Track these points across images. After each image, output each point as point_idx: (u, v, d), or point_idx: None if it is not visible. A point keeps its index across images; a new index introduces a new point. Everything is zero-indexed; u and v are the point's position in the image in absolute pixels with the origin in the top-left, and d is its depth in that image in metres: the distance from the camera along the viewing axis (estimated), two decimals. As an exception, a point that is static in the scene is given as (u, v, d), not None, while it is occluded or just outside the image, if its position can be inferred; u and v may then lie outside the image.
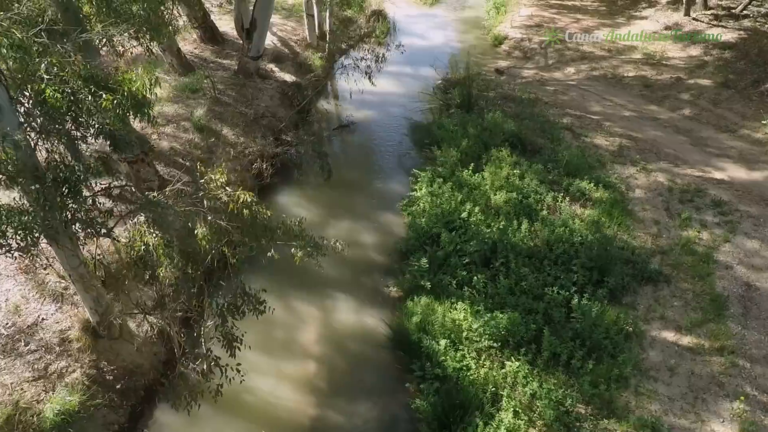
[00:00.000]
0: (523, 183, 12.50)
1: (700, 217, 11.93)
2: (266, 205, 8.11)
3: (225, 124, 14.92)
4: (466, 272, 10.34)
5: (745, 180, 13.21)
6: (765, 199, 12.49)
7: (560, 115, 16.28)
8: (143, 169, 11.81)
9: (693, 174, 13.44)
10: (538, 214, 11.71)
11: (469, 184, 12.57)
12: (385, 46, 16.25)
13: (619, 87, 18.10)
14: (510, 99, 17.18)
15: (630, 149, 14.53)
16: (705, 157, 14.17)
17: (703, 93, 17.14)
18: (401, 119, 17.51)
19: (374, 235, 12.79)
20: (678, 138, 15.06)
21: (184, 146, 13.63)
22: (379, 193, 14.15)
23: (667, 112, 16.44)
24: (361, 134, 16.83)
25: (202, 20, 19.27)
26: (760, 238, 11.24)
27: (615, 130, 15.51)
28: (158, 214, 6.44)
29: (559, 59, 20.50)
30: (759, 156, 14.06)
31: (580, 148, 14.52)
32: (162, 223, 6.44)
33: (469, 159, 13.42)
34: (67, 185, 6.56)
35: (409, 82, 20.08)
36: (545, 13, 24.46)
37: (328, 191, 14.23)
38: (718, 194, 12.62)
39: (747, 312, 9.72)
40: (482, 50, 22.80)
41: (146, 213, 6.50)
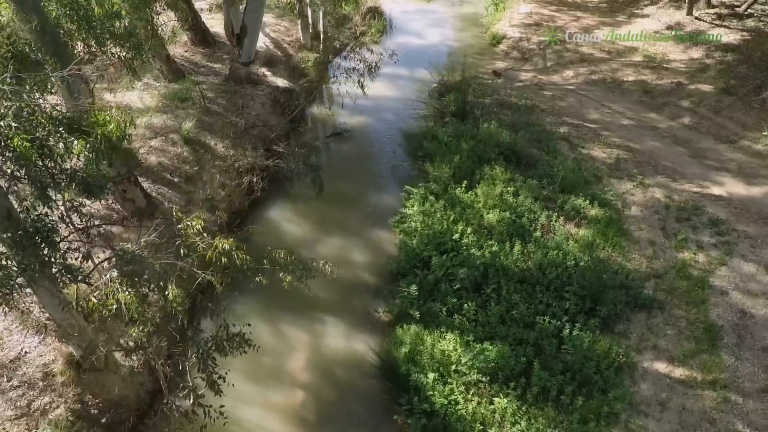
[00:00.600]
0: (517, 201, 12.26)
1: (697, 237, 11.72)
2: (247, 245, 7.81)
3: (215, 135, 14.63)
4: (457, 299, 10.17)
5: (743, 196, 12.96)
6: (763, 217, 12.26)
7: (557, 124, 15.95)
8: (129, 189, 11.58)
9: (691, 189, 13.18)
10: (532, 235, 11.50)
11: (462, 202, 12.35)
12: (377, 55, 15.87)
13: (618, 92, 17.73)
14: (506, 106, 16.84)
15: (627, 162, 14.25)
16: (703, 171, 13.90)
17: (704, 100, 16.78)
18: (396, 126, 17.21)
19: (365, 253, 12.60)
20: (676, 149, 14.76)
21: (173, 161, 13.37)
22: (371, 207, 13.93)
23: (666, 120, 16.10)
24: (354, 142, 16.54)
25: (193, 22, 18.83)
26: (757, 261, 11.04)
27: (613, 140, 15.21)
28: (132, 269, 6.23)
29: (558, 61, 20.07)
30: (758, 170, 13.78)
31: (576, 160, 14.25)
32: (136, 278, 6.25)
33: (463, 174, 13.16)
34: (39, 235, 6.36)
35: (405, 85, 19.70)
36: (545, 11, 23.92)
37: (320, 205, 14.01)
38: (716, 212, 12.39)
39: (741, 342, 9.57)
40: (480, 50, 22.35)
41: (119, 268, 6.29)
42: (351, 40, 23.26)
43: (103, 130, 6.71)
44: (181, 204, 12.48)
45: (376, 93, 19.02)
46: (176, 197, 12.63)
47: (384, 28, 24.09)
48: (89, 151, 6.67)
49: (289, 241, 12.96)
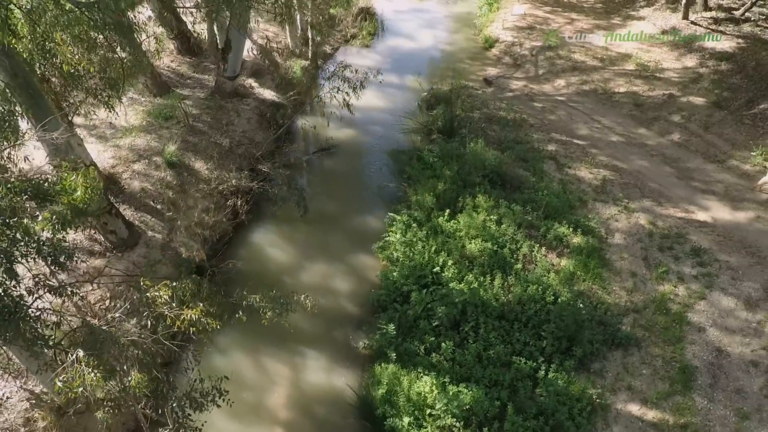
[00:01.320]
0: (500, 230, 12.24)
1: (678, 268, 11.73)
2: (217, 313, 7.78)
3: (199, 156, 14.55)
4: (435, 336, 10.26)
5: (728, 222, 12.92)
6: (746, 245, 12.24)
7: (545, 141, 15.82)
8: (110, 221, 11.57)
9: (676, 215, 13.14)
10: (513, 267, 11.52)
11: (445, 231, 12.34)
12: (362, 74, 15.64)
13: (609, 105, 17.52)
14: (495, 120, 16.68)
15: (614, 184, 14.17)
16: (690, 193, 13.83)
17: (695, 114, 16.59)
18: (384, 140, 17.08)
19: (348, 280, 12.65)
20: (664, 169, 14.66)
21: (156, 186, 13.32)
22: (355, 230, 13.92)
23: (655, 136, 15.95)
24: (341, 158, 16.44)
25: (179, 31, 18.54)
26: (737, 294, 11.06)
27: (600, 159, 15.10)
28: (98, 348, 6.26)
29: (550, 69, 19.78)
30: (744, 192, 13.71)
31: (562, 182, 14.18)
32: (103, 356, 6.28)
33: (447, 200, 13.12)
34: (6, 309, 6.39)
35: (395, 93, 19.49)
36: (539, 12, 23.48)
37: (304, 227, 14.01)
38: (699, 240, 12.37)
39: (715, 382, 9.67)
40: (472, 54, 22.03)
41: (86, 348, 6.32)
42: (341, 43, 22.93)
43: (69, 198, 6.69)
44: (163, 233, 12.50)
45: (365, 103, 18.71)
46: (159, 225, 12.62)
47: (375, 30, 23.70)
48: (55, 222, 6.67)
49: (272, 268, 13.02)
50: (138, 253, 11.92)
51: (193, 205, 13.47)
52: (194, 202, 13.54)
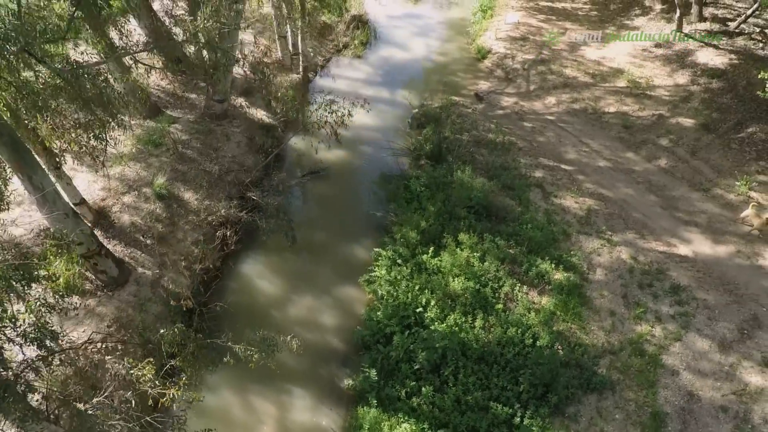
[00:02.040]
0: (482, 267, 12.47)
1: (657, 307, 11.99)
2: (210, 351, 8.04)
3: (188, 186, 14.70)
4: (416, 380, 10.58)
5: (708, 256, 13.12)
6: (724, 282, 12.47)
7: (533, 166, 15.92)
8: (100, 261, 11.80)
9: (657, 248, 13.34)
10: (494, 307, 11.78)
11: (429, 269, 12.57)
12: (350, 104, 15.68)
13: (598, 126, 17.55)
14: (483, 144, 16.74)
15: (598, 214, 14.33)
16: (673, 225, 14.00)
17: (683, 137, 16.64)
18: (374, 162, 17.19)
19: (334, 314, 12.92)
20: (649, 198, 14.80)
21: (145, 220, 13.51)
22: (342, 260, 14.14)
23: (643, 161, 16.04)
24: (330, 182, 16.56)
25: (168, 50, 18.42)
26: (711, 336, 11.34)
27: (587, 186, 15.23)
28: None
29: (541, 85, 19.73)
30: (726, 225, 13.87)
31: (547, 213, 14.34)
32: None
33: (432, 234, 13.32)
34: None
35: (385, 110, 19.49)
36: (533, 21, 23.27)
37: (293, 257, 14.24)
38: (679, 276, 12.60)
39: (685, 428, 10.01)
40: (464, 65, 21.93)
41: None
42: (333, 53, 22.80)
43: (53, 285, 6.92)
44: (153, 269, 12.74)
45: (356, 121, 18.77)
46: (149, 261, 12.86)
47: (368, 39, 23.52)
48: (39, 307, 6.90)
49: (261, 301, 13.30)
50: (128, 291, 12.18)
51: (183, 238, 13.70)
52: (184, 235, 13.76)
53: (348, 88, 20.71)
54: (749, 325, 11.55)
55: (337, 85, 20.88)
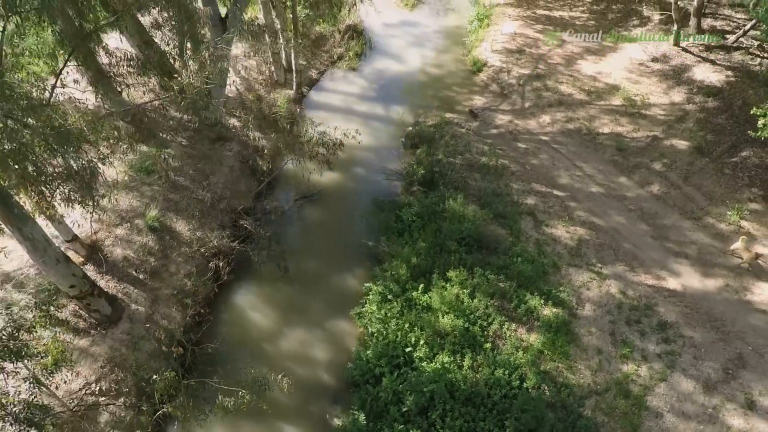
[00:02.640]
0: (472, 304, 12.57)
1: (643, 345, 12.12)
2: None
3: (180, 216, 14.75)
4: (404, 423, 10.77)
5: (697, 290, 13.22)
6: (711, 319, 12.59)
7: (525, 193, 15.92)
8: (93, 301, 11.93)
9: (646, 282, 13.42)
10: (483, 346, 11.92)
11: (419, 305, 12.69)
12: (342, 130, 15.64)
13: (592, 148, 17.49)
14: (476, 168, 16.71)
15: (589, 245, 14.38)
16: (663, 256, 14.06)
17: (676, 161, 16.60)
18: (366, 186, 17.20)
19: (326, 348, 13.08)
20: (640, 227, 14.83)
21: (138, 253, 13.60)
22: (334, 291, 14.24)
23: (635, 187, 16.02)
24: (324, 206, 16.57)
25: (160, 65, 18.31)
26: (696, 377, 11.50)
27: (578, 214, 15.25)
28: None
29: (536, 102, 19.60)
30: (716, 257, 13.93)
31: (538, 243, 14.40)
32: None
33: (423, 268, 13.41)
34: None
35: (379, 128, 19.41)
36: (529, 32, 23.00)
37: (285, 288, 14.35)
38: (667, 312, 12.71)
39: (667, 473, 10.23)
40: (460, 79, 21.77)
41: None
42: (328, 65, 22.61)
43: (42, 363, 7.04)
44: (146, 305, 12.87)
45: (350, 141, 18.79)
46: (142, 297, 12.98)
47: (363, 50, 23.29)
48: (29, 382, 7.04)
49: (254, 334, 13.44)
50: (121, 329, 12.32)
51: (176, 271, 13.80)
52: (176, 267, 13.86)
53: (342, 103, 20.60)
54: (734, 365, 11.70)
55: (331, 101, 20.78)
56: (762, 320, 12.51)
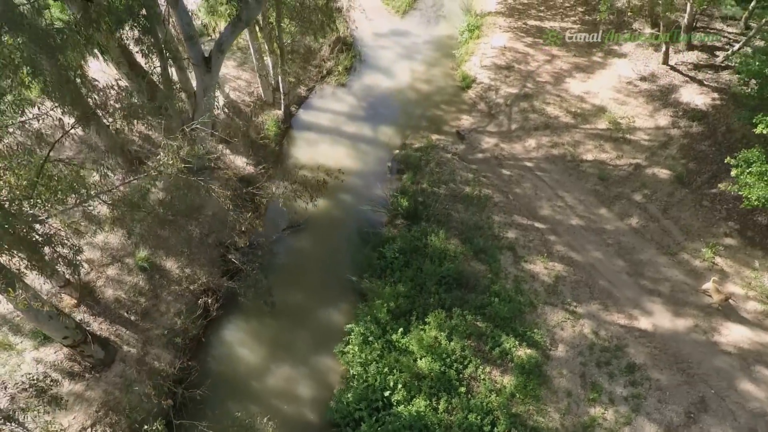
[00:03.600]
0: (449, 347, 13.12)
1: (611, 388, 12.71)
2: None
3: (170, 253, 15.19)
4: (381, 470, 11.47)
5: (667, 330, 13.73)
6: (678, 360, 13.13)
7: (506, 226, 16.25)
8: (86, 348, 12.50)
9: (619, 322, 13.92)
10: (458, 389, 12.52)
11: (398, 348, 13.25)
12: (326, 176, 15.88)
13: (575, 176, 17.72)
14: (459, 198, 17.00)
15: (566, 282, 14.82)
16: (637, 294, 14.52)
17: (657, 191, 16.87)
18: (352, 215, 17.53)
19: (311, 385, 13.69)
20: (617, 264, 15.23)
21: (129, 294, 14.11)
22: (319, 326, 14.78)
23: (615, 219, 16.35)
24: (309, 237, 16.97)
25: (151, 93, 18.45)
26: (659, 421, 12.11)
27: (557, 249, 15.63)
28: None
29: (523, 124, 19.71)
30: (688, 295, 14.38)
31: (517, 279, 14.84)
32: None
33: (402, 312, 13.91)
34: None
35: (367, 151, 19.64)
36: (519, 45, 22.89)
37: (272, 322, 14.89)
38: (636, 353, 13.25)
39: None
40: (448, 96, 21.81)
41: None
42: (317, 80, 22.61)
43: None
44: (138, 346, 13.45)
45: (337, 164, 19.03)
46: (133, 338, 13.56)
47: (352, 64, 23.23)
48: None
49: (241, 371, 14.05)
50: (114, 372, 12.93)
51: (166, 310, 14.33)
52: (167, 306, 14.38)
53: (331, 123, 20.75)
54: (696, 408, 12.31)
55: (320, 120, 20.92)
56: (726, 362, 13.07)
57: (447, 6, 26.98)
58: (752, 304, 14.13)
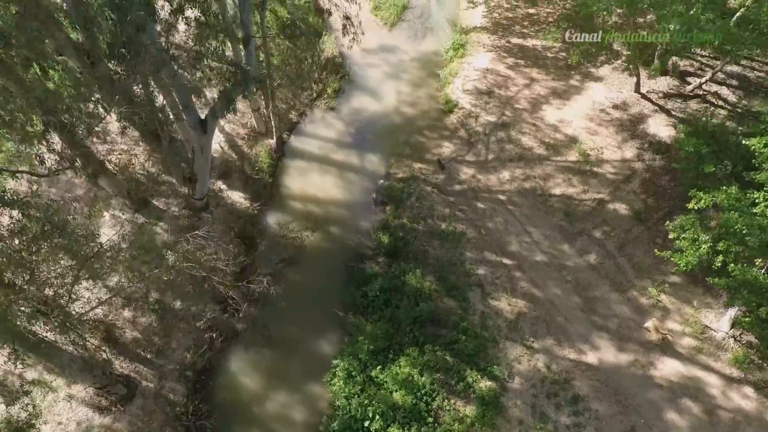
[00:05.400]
0: (420, 381, 15.32)
1: (557, 417, 14.97)
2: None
3: (177, 293, 17.17)
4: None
5: (610, 365, 15.84)
6: (617, 393, 15.32)
7: (477, 262, 18.05)
8: (111, 388, 14.78)
9: (569, 357, 16.01)
10: (426, 419, 14.83)
11: (377, 383, 15.47)
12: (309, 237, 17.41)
13: (543, 211, 19.30)
14: (436, 234, 18.70)
15: (526, 318, 16.79)
16: (588, 330, 16.53)
17: (616, 228, 18.55)
18: (340, 247, 19.33)
19: (303, 410, 16.00)
20: (573, 300, 17.15)
21: (144, 334, 16.27)
22: (310, 356, 16.91)
23: (575, 256, 18.11)
24: (302, 269, 18.83)
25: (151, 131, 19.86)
26: (593, 449, 14.47)
27: (521, 285, 17.52)
28: None
29: (499, 155, 21.07)
30: (633, 331, 16.40)
31: (483, 316, 16.85)
32: None
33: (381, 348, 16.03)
34: None
35: (353, 180, 21.18)
36: (501, 67, 23.82)
37: (268, 353, 17.09)
38: (581, 386, 15.43)
39: None
40: (431, 120, 23.04)
41: None
42: (308, 104, 23.75)
43: None
44: (155, 381, 15.74)
45: (327, 194, 20.70)
46: (150, 374, 15.83)
47: (340, 87, 24.26)
48: None
49: (244, 397, 16.38)
50: (136, 405, 15.28)
51: (177, 346, 16.53)
52: (177, 343, 16.57)
53: (320, 151, 22.17)
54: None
55: (310, 148, 22.32)
56: (658, 394, 15.27)
57: (434, 16, 27.55)
58: (687, 340, 16.17)
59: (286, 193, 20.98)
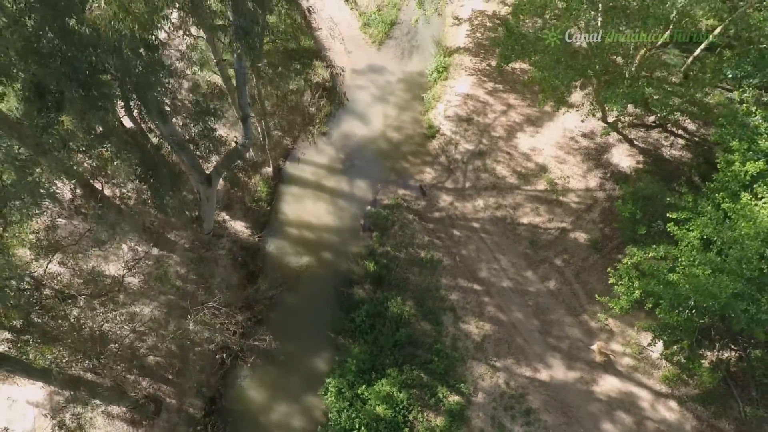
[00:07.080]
0: (399, 396, 18.30)
1: (512, 427, 18.00)
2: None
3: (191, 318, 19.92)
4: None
5: (560, 381, 18.73)
6: (564, 406, 18.28)
7: (451, 288, 20.64)
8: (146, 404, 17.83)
9: (525, 374, 18.89)
10: (402, 430, 17.92)
11: (362, 399, 18.47)
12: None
13: (511, 239, 21.66)
14: (416, 262, 21.19)
15: (491, 340, 19.55)
16: (543, 350, 19.33)
17: (575, 256, 20.96)
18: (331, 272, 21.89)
19: (302, 419, 19.14)
20: (532, 323, 19.85)
21: (165, 358, 19.17)
22: (307, 371, 19.90)
23: (537, 282, 20.64)
24: (298, 293, 21.51)
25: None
26: (540, 454, 17.58)
27: (488, 309, 20.18)
28: None
29: (475, 183, 23.18)
30: (581, 351, 19.17)
31: (454, 338, 19.62)
32: None
33: (366, 368, 18.92)
34: None
35: (343, 207, 23.48)
36: (480, 93, 25.46)
37: (272, 370, 20.07)
38: (534, 400, 18.38)
39: None
40: (415, 145, 25.00)
41: None
42: (301, 129, 25.60)
43: None
44: (177, 398, 18.79)
45: (319, 221, 23.06)
46: (172, 392, 18.86)
47: (331, 111, 25.99)
48: None
49: (252, 409, 19.50)
50: (163, 419, 18.41)
51: (193, 367, 19.48)
52: (193, 364, 19.51)
53: (313, 176, 24.33)
54: (569, 443, 17.70)
55: (304, 174, 24.46)
56: (597, 407, 18.22)
57: (420, 34, 28.77)
58: (626, 360, 18.96)
59: (284, 219, 23.34)
